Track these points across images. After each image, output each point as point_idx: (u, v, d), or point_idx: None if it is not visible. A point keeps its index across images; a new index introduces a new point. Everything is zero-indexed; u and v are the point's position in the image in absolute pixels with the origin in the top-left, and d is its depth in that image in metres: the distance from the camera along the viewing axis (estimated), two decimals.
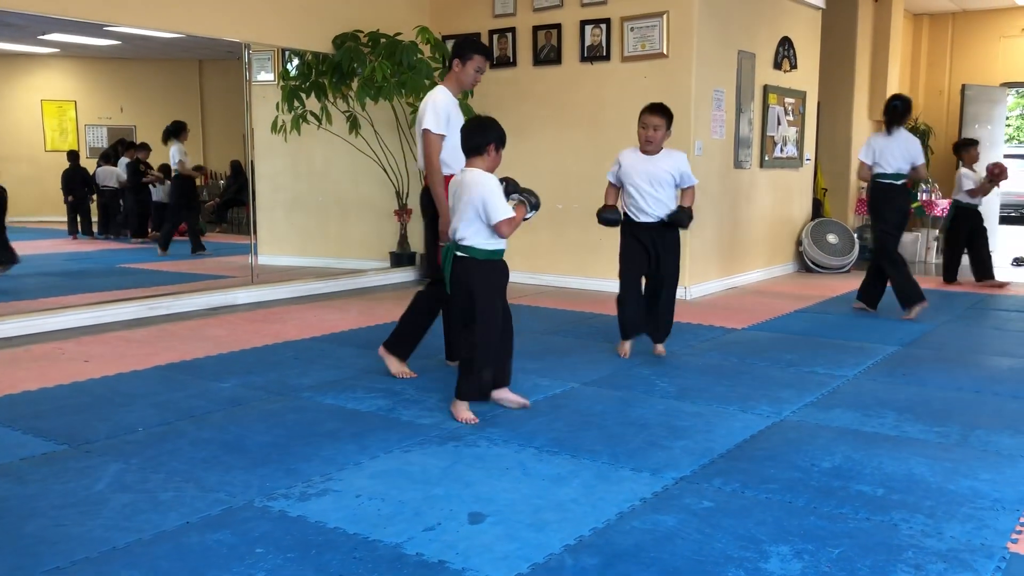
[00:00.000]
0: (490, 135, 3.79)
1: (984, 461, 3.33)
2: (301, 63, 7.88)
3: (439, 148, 4.32)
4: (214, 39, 6.81)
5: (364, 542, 2.59)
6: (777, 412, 3.97)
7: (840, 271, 8.94)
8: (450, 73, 4.51)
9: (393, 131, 8.10)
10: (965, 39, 11.69)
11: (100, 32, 7.13)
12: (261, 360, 4.94)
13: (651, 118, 4.78)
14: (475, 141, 3.79)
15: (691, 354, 5.16)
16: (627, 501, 2.92)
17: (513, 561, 2.47)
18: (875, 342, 5.47)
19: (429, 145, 4.31)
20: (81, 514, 2.79)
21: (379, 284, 8.05)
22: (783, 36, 8.32)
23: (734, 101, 7.64)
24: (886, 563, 2.47)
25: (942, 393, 4.32)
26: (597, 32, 7.40)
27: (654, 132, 4.78)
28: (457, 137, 4.11)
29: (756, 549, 2.56)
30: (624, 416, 3.89)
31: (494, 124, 3.84)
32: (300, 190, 9.05)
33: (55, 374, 4.58)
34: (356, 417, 3.85)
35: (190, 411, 3.92)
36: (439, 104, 4.33)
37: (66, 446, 3.44)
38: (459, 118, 4.39)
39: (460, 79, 4.47)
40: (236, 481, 3.08)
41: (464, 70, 4.45)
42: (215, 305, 6.73)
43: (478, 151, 3.79)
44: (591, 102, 7.44)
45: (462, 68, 4.45)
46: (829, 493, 3.00)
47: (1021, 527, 2.73)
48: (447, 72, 4.58)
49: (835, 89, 10.00)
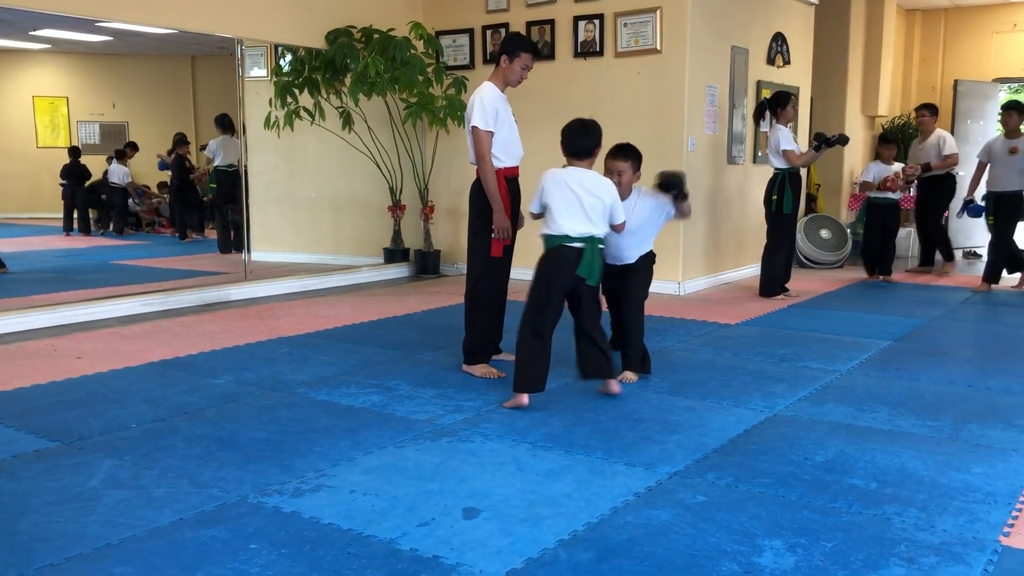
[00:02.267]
0: (598, 139, 4.03)
1: (976, 455, 3.35)
2: (294, 59, 7.86)
3: (489, 145, 4.34)
4: (207, 35, 6.79)
5: (358, 538, 2.59)
6: (770, 407, 3.98)
7: (833, 266, 8.96)
8: (497, 69, 4.47)
9: (386, 127, 8.08)
10: (957, 34, 11.71)
11: (92, 28, 7.11)
12: (255, 356, 4.93)
13: (614, 163, 4.27)
14: (585, 145, 3.99)
15: (684, 349, 5.17)
16: (621, 496, 2.92)
17: (507, 556, 2.48)
18: (868, 337, 5.49)
19: (480, 143, 4.32)
20: (74, 511, 2.78)
21: (373, 280, 8.04)
22: (776, 32, 8.33)
23: (727, 97, 7.64)
24: (879, 556, 2.48)
25: (935, 387, 4.33)
26: (591, 28, 7.40)
27: (619, 177, 4.22)
28: (506, 131, 4.39)
29: (749, 543, 2.57)
30: (618, 411, 3.89)
31: (598, 128, 4.05)
32: (293, 186, 9.04)
33: (48, 371, 4.57)
34: (350, 413, 3.85)
35: (184, 407, 3.92)
36: (487, 100, 4.33)
37: (59, 443, 3.43)
38: (507, 113, 4.45)
39: (507, 76, 4.44)
40: (230, 477, 3.07)
41: (511, 67, 4.42)
42: (209, 301, 6.71)
43: (589, 154, 3.99)
44: (584, 98, 7.44)
45: (509, 65, 4.41)
46: (822, 487, 3.01)
47: (1013, 520, 2.74)
48: (495, 68, 4.52)
49: (828, 85, 10.02)
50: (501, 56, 4.44)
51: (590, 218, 3.90)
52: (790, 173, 6.97)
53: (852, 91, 10.27)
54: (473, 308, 4.56)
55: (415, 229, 8.48)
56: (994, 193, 7.49)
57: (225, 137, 9.02)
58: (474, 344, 4.53)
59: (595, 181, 3.94)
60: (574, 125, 4.06)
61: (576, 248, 3.89)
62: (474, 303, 4.56)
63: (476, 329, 4.54)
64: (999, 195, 7.45)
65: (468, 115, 4.38)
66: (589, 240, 3.91)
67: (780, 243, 7.10)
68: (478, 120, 4.31)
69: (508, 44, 4.46)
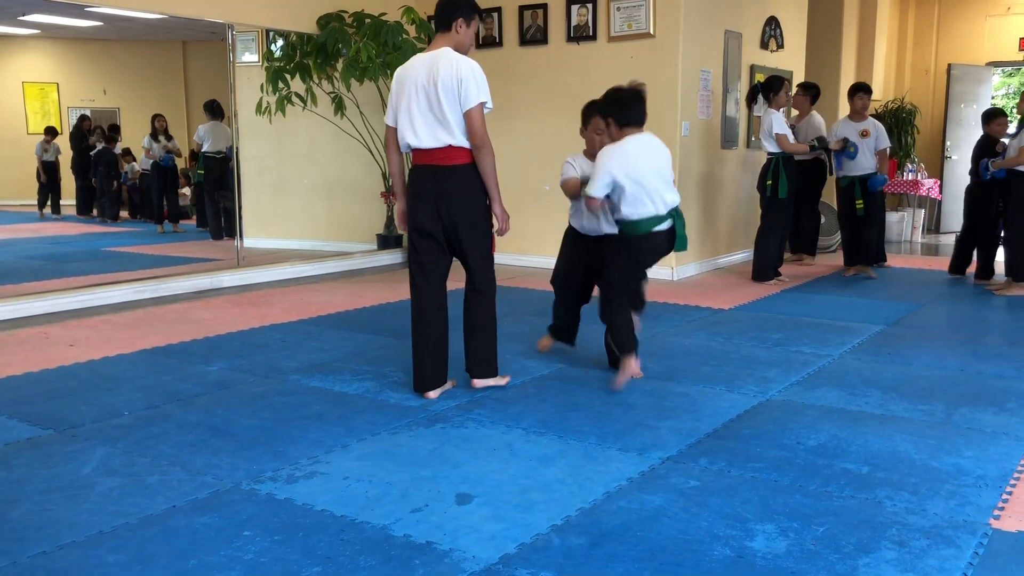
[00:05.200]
0: (645, 105, 3.98)
1: (968, 438, 3.36)
2: (285, 44, 7.81)
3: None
4: (197, 20, 6.75)
5: (351, 524, 2.60)
6: (763, 391, 3.99)
7: (826, 251, 8.97)
8: (448, 35, 3.82)
9: (379, 112, 8.04)
10: (951, 18, 11.68)
11: (82, 13, 7.05)
12: (247, 343, 4.93)
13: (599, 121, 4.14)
14: (642, 111, 3.94)
15: (677, 334, 5.18)
16: (614, 481, 2.93)
17: (500, 541, 2.48)
18: (860, 322, 5.50)
19: (483, 123, 3.72)
20: (67, 498, 2.78)
21: (366, 266, 8.03)
22: (770, 16, 8.30)
23: (721, 81, 7.62)
24: (870, 540, 2.49)
25: (927, 372, 4.35)
26: (583, 12, 7.37)
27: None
28: None
29: (742, 527, 2.58)
30: (611, 396, 3.90)
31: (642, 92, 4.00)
32: (286, 172, 9.00)
33: (40, 358, 4.55)
34: (343, 400, 3.85)
35: (176, 394, 3.91)
36: (482, 74, 3.76)
37: (52, 430, 3.43)
38: None
39: (462, 42, 3.84)
40: (223, 464, 3.07)
41: (469, 31, 3.86)
42: (201, 288, 6.70)
43: (642, 122, 3.93)
44: (577, 82, 7.41)
45: (467, 29, 3.85)
46: (814, 471, 3.02)
47: (1003, 503, 2.76)
48: (444, 35, 3.83)
49: (821, 69, 9.98)
50: (455, 19, 3.80)
51: (669, 186, 3.95)
52: (784, 157, 6.95)
53: (845, 75, 10.23)
54: (492, 312, 4.01)
55: None
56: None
57: (214, 123, 8.97)
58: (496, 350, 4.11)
59: (656, 144, 3.99)
60: (626, 94, 3.94)
61: (668, 229, 3.98)
62: (492, 305, 4.01)
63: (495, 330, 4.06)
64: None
65: (464, 90, 3.68)
66: (676, 211, 3.98)
67: (773, 227, 7.09)
68: (485, 95, 3.73)
69: (460, 6, 3.83)
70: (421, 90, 3.75)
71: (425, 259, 3.86)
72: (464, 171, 3.78)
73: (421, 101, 3.76)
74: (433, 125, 3.75)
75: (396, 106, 3.87)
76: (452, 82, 3.68)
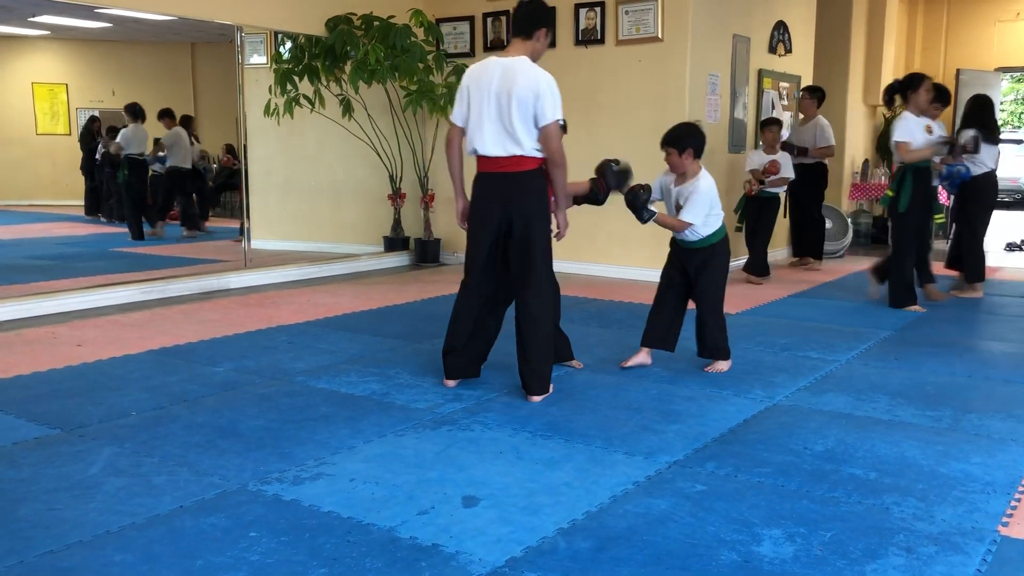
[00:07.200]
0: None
1: (976, 445, 3.35)
2: (294, 46, 7.84)
3: None
4: (206, 22, 6.77)
5: (358, 526, 2.60)
6: (770, 396, 3.98)
7: (834, 256, 8.95)
8: (526, 43, 3.83)
9: (386, 114, 8.06)
10: (960, 23, 11.67)
11: (91, 14, 7.09)
12: (255, 344, 4.93)
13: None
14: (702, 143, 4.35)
15: (684, 339, 5.16)
16: (620, 485, 2.92)
17: (507, 544, 2.48)
18: (868, 327, 5.49)
19: (560, 139, 3.77)
20: (74, 498, 2.79)
21: (373, 268, 8.04)
22: (778, 20, 8.30)
23: (729, 85, 7.62)
24: (878, 546, 2.48)
25: (935, 378, 4.33)
26: (592, 15, 7.37)
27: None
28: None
29: (749, 532, 2.57)
30: (618, 400, 3.89)
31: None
32: (293, 174, 9.02)
33: (48, 358, 4.57)
34: (350, 401, 3.85)
35: (184, 395, 3.92)
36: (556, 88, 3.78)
37: (59, 430, 3.44)
38: None
39: (537, 51, 3.87)
40: (230, 465, 3.08)
41: (544, 41, 3.90)
42: (208, 289, 6.71)
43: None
44: (585, 86, 7.42)
45: (544, 40, 3.88)
46: (821, 476, 3.01)
47: (1012, 510, 2.74)
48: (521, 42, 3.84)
49: (830, 73, 9.97)
50: (539, 29, 3.84)
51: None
52: (915, 168, 5.92)
53: (854, 80, 10.23)
54: (547, 324, 4.00)
55: (415, 217, 8.47)
56: None
57: (135, 125, 9.27)
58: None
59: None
60: (696, 128, 4.36)
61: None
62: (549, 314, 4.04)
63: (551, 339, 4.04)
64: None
65: (541, 105, 3.68)
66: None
67: (901, 246, 6.09)
68: (560, 112, 3.74)
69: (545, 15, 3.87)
70: (493, 97, 3.76)
71: (483, 255, 3.94)
72: (530, 176, 3.83)
73: (492, 108, 3.76)
74: (501, 135, 3.76)
75: (467, 107, 3.87)
76: (528, 95, 3.68)
